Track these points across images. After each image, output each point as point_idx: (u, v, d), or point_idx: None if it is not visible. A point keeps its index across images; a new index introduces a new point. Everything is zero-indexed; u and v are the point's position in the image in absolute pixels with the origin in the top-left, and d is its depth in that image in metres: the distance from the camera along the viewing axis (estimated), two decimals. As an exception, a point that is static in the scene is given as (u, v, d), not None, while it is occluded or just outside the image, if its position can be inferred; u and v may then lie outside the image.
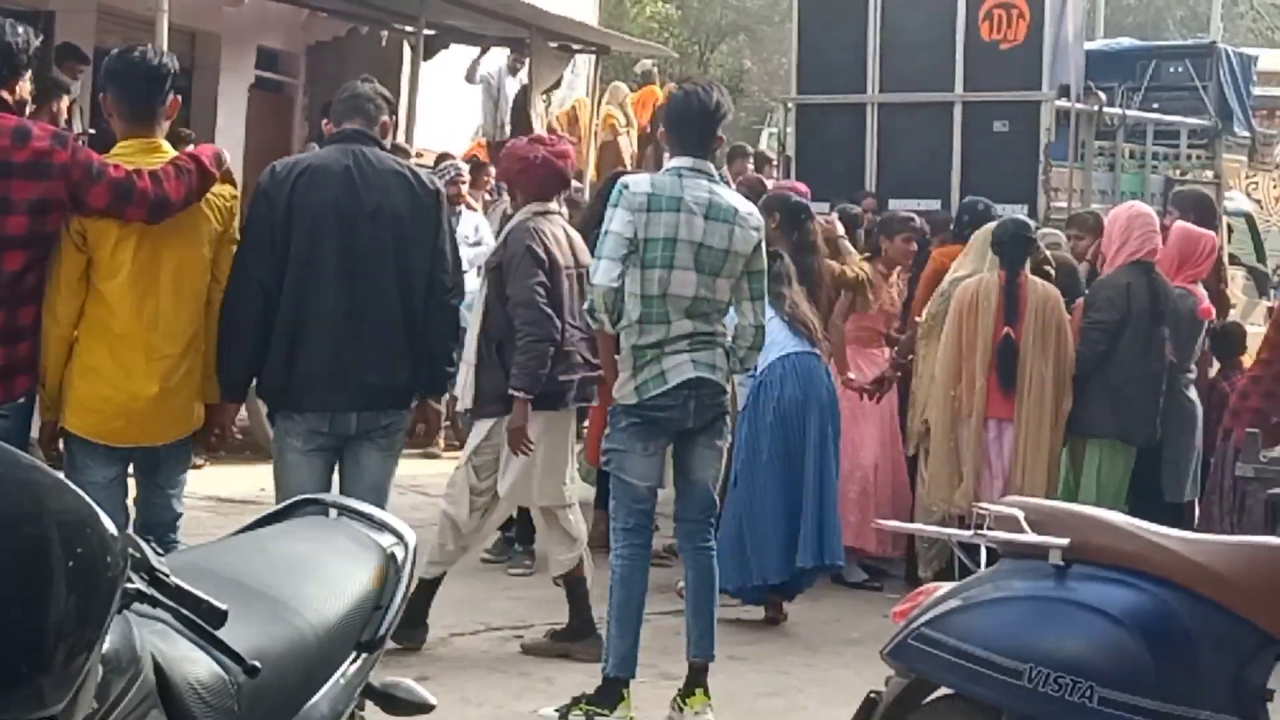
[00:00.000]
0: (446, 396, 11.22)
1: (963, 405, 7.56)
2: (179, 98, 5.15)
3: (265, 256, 5.17)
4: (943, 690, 4.11)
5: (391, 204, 5.30)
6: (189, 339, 5.02)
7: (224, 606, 2.44)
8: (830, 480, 7.34)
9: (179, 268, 4.97)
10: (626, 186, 5.64)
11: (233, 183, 5.20)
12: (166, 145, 5.07)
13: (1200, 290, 7.89)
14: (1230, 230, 12.21)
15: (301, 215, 5.21)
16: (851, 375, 8.20)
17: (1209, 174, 11.49)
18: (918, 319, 8.23)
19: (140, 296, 4.91)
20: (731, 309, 5.78)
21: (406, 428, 5.51)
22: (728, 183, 6.75)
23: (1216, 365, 8.99)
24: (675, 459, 5.83)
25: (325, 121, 5.55)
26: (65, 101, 10.52)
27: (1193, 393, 7.88)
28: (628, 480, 5.71)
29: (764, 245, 5.85)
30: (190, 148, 5.20)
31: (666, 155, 6.10)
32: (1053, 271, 7.84)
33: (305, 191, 5.22)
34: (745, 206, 5.82)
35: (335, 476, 5.49)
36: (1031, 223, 8.08)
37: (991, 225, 8.21)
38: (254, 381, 5.39)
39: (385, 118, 5.54)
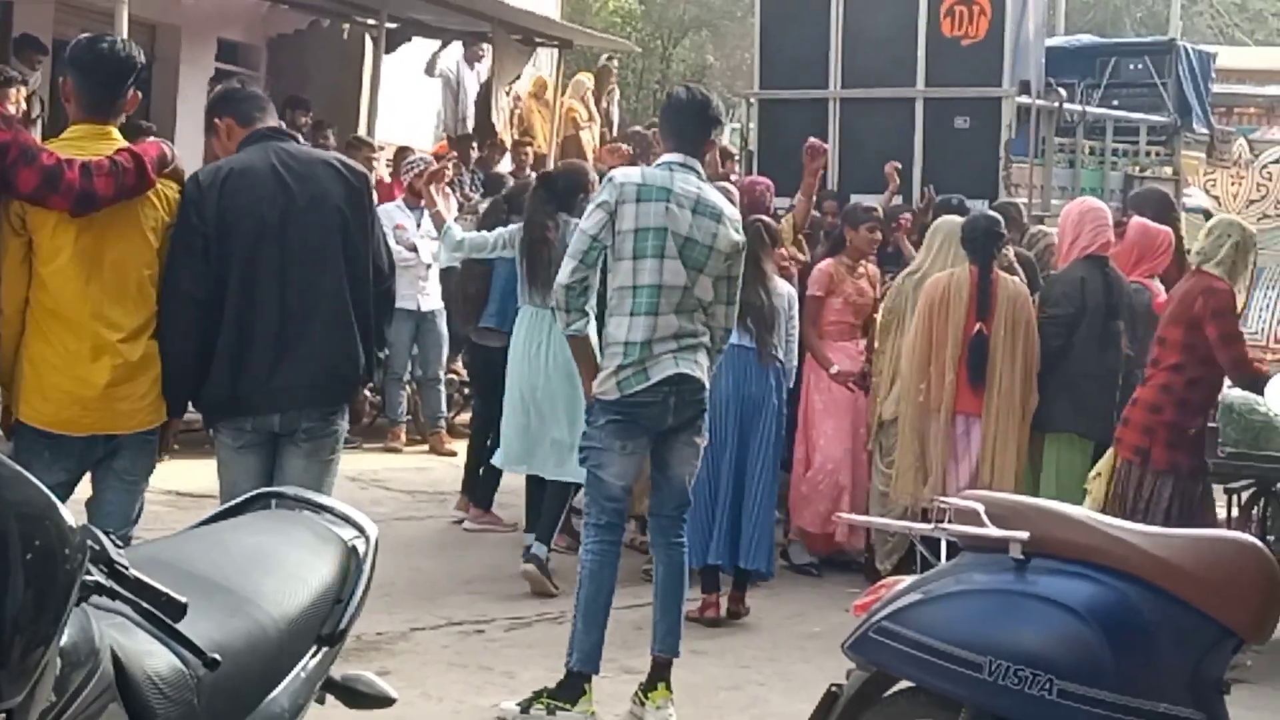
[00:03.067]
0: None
1: (931, 399, 7.58)
2: (139, 93, 5.09)
3: (198, 270, 5.01)
4: (904, 683, 4.13)
5: (328, 195, 5.17)
6: (138, 325, 4.93)
7: (183, 599, 2.43)
8: (755, 480, 7.33)
9: (123, 253, 4.89)
10: (612, 179, 5.68)
11: (181, 180, 5.09)
12: (117, 134, 5.01)
13: (1156, 285, 7.93)
14: (1209, 217, 12.28)
15: (235, 221, 5.05)
16: (836, 367, 8.22)
17: (1168, 170, 11.57)
18: (876, 316, 8.26)
19: (83, 281, 4.83)
20: None
21: (337, 431, 5.31)
22: None
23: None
24: (653, 454, 5.83)
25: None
26: (23, 92, 10.46)
27: (1151, 389, 7.90)
28: (603, 478, 5.71)
29: (742, 251, 5.88)
30: (145, 142, 5.11)
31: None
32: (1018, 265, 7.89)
33: (234, 196, 5.06)
34: (730, 209, 5.88)
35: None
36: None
37: (942, 221, 8.26)
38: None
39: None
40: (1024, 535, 3.90)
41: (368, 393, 5.70)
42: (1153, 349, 6.96)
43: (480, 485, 8.98)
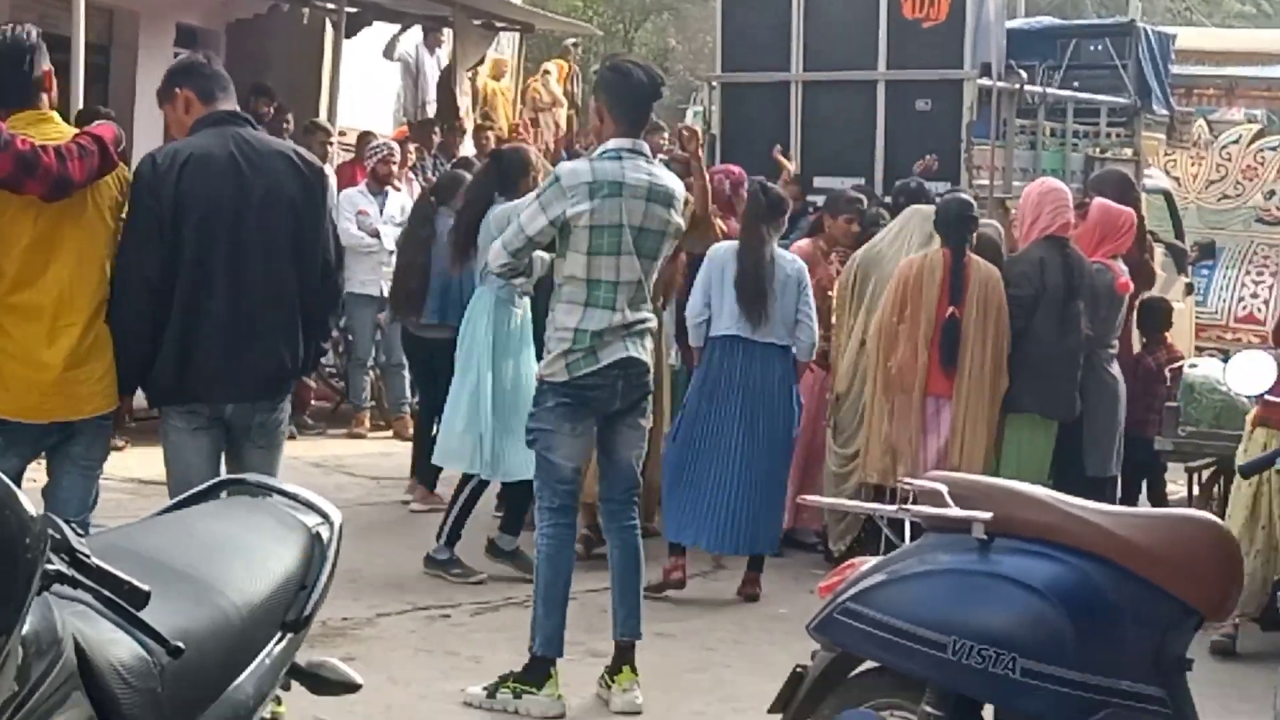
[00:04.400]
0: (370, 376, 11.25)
1: (903, 380, 7.57)
2: (51, 69, 5.00)
3: (152, 253, 5.00)
4: (868, 663, 4.15)
5: (283, 189, 5.15)
6: (94, 308, 4.94)
7: (146, 587, 2.43)
8: (762, 468, 7.41)
9: (83, 237, 4.89)
10: (558, 180, 5.59)
11: (125, 160, 5.10)
12: (57, 116, 5.01)
13: (1119, 265, 7.96)
14: (1169, 198, 12.38)
15: (190, 208, 5.03)
16: None
17: (1128, 152, 11.59)
18: (830, 293, 8.27)
19: (41, 267, 4.83)
20: None
21: (285, 416, 5.37)
22: None
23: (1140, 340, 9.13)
24: (599, 438, 5.83)
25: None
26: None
27: (1115, 368, 7.95)
28: (554, 460, 5.70)
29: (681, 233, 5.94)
30: (96, 125, 5.09)
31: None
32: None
33: (192, 182, 5.03)
34: (681, 191, 5.87)
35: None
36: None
37: (919, 205, 8.30)
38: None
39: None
40: (987, 515, 3.92)
41: (312, 382, 5.70)
42: None
43: (424, 466, 9.01)
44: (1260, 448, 6.65)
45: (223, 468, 5.17)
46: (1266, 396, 6.58)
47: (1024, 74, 10.69)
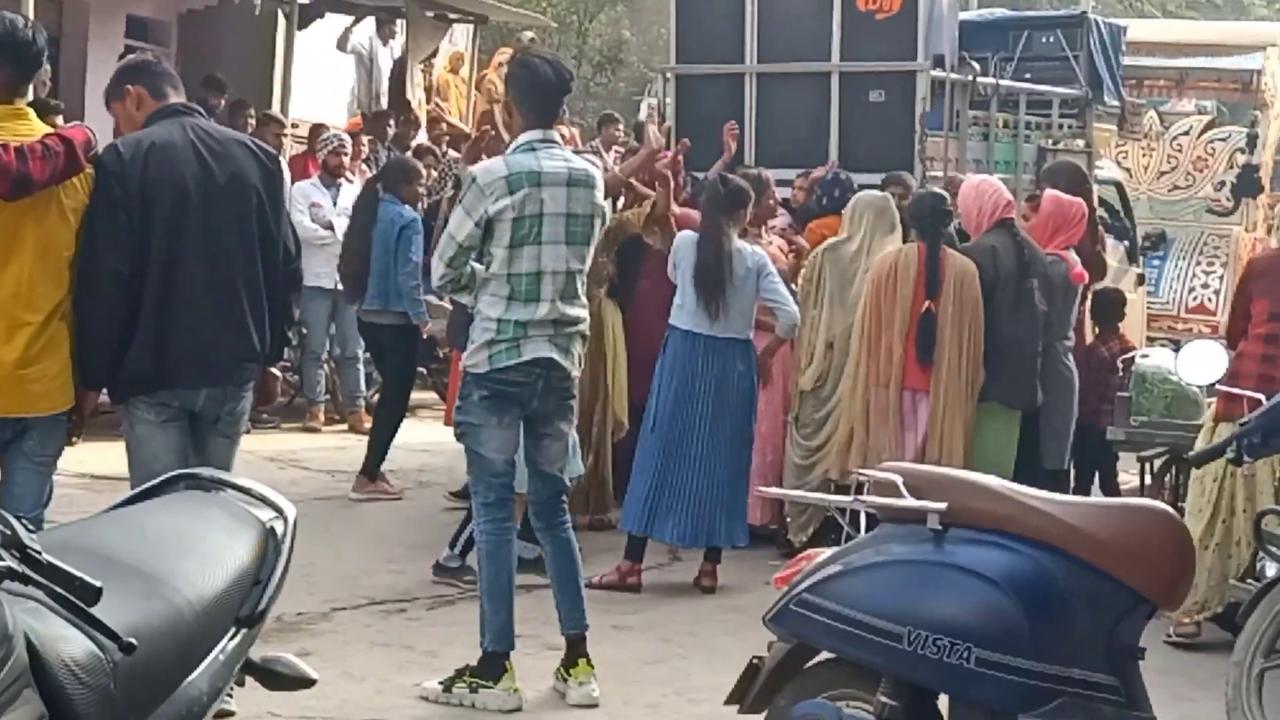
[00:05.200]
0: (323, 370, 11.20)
1: (879, 374, 7.57)
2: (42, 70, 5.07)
3: (121, 243, 4.98)
4: (824, 654, 4.16)
5: (246, 174, 5.18)
6: (52, 307, 4.90)
7: (98, 583, 2.41)
8: (724, 459, 7.44)
9: (46, 236, 4.86)
10: (475, 179, 5.61)
11: (93, 162, 5.05)
12: (32, 113, 5.00)
13: (1072, 256, 8.00)
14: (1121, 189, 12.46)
15: (159, 195, 5.02)
16: None
17: (1080, 143, 11.64)
18: (794, 286, 8.28)
19: (2, 261, 4.80)
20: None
21: (247, 408, 5.38)
22: (597, 152, 6.79)
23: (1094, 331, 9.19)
24: (525, 446, 5.82)
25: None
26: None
27: (1071, 360, 7.98)
28: (484, 454, 5.69)
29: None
30: (62, 122, 5.08)
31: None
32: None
33: (159, 169, 5.03)
34: (596, 171, 5.91)
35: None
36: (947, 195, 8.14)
37: (861, 195, 8.35)
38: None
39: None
40: (941, 506, 3.94)
41: (278, 372, 5.70)
42: None
43: (368, 453, 8.99)
44: None
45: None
46: (1220, 387, 6.64)
47: (977, 65, 10.72)
